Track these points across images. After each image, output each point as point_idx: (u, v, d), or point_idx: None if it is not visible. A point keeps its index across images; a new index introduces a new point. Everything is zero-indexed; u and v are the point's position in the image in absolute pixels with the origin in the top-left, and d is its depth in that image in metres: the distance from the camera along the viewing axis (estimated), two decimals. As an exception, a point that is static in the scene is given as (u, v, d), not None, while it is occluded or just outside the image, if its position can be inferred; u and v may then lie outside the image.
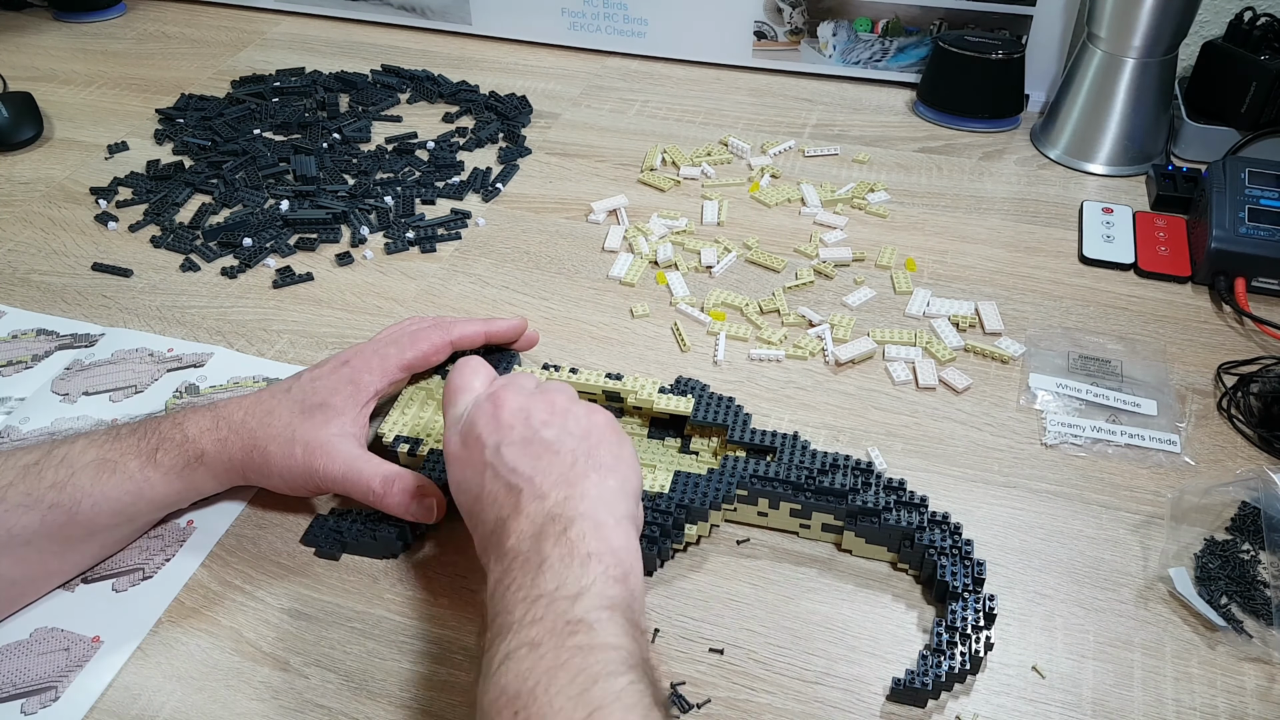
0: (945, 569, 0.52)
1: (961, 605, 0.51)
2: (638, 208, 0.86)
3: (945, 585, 0.52)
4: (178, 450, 0.54)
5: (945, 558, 0.53)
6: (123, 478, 0.53)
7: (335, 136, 0.96)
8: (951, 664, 0.49)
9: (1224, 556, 0.55)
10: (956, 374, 0.68)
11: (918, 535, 0.54)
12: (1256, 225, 0.74)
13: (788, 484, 0.56)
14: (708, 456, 0.61)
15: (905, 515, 0.54)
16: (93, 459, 0.53)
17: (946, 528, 0.54)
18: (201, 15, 1.22)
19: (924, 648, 0.51)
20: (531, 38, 1.13)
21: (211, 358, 0.70)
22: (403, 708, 0.49)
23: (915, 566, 0.55)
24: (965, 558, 0.53)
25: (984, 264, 0.79)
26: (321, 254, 0.81)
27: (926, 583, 0.54)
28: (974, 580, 0.52)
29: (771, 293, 0.75)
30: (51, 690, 0.50)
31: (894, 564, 0.56)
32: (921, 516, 0.54)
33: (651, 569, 0.55)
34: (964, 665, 0.49)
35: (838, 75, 1.05)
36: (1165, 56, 0.86)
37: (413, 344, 0.61)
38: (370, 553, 0.56)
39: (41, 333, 0.72)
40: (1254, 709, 0.49)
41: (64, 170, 0.92)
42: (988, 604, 0.51)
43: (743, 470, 0.56)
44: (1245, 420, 0.64)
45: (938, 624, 0.51)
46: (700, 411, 0.60)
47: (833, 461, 0.57)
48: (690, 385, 0.62)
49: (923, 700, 0.49)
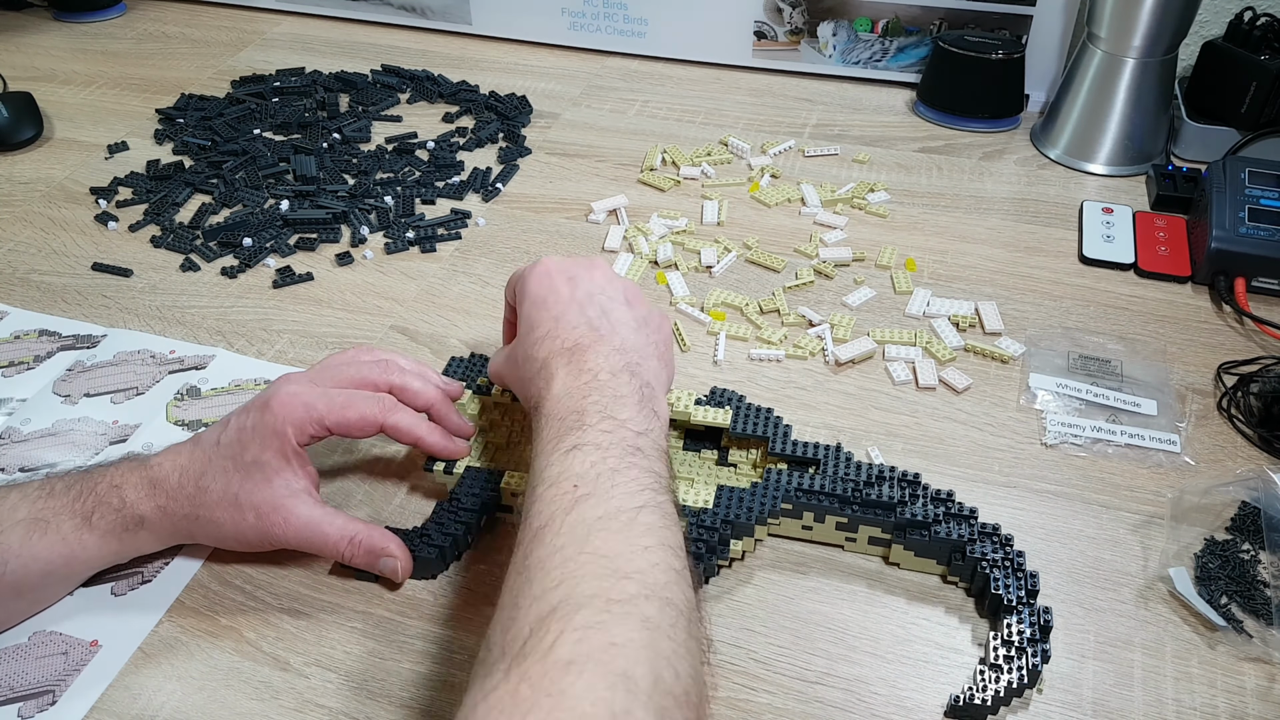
0: (998, 581, 0.51)
1: (1016, 618, 0.50)
2: (638, 208, 0.86)
3: (999, 599, 0.51)
4: (115, 515, 0.51)
5: (998, 570, 0.52)
6: (55, 539, 0.50)
7: (335, 136, 0.96)
8: (1010, 679, 0.48)
9: (1224, 556, 0.55)
10: (956, 374, 0.68)
11: (969, 548, 0.53)
12: (1256, 225, 0.74)
13: (834, 497, 0.54)
14: (747, 469, 0.59)
15: (955, 527, 0.53)
16: (23, 517, 0.50)
17: (998, 539, 0.53)
18: (201, 15, 1.22)
19: (979, 662, 0.50)
20: (531, 38, 1.13)
21: (213, 360, 0.70)
22: (403, 708, 0.49)
23: (966, 580, 0.54)
24: (1018, 570, 0.52)
25: (984, 264, 0.79)
26: (321, 254, 0.81)
27: (978, 596, 0.53)
28: (1028, 592, 0.51)
29: (771, 293, 0.75)
30: (49, 694, 0.49)
31: (944, 576, 0.55)
32: (972, 528, 0.53)
33: (698, 586, 0.54)
34: (1021, 680, 0.48)
35: (838, 75, 1.05)
36: (1165, 56, 0.87)
37: (344, 409, 0.54)
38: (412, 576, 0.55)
39: (44, 333, 0.72)
40: (1254, 709, 0.49)
41: (64, 170, 0.92)
42: (1043, 616, 0.50)
43: (787, 484, 0.55)
44: (1245, 420, 0.64)
45: (993, 637, 0.50)
46: (739, 424, 0.59)
47: (879, 473, 0.55)
48: (727, 396, 0.60)
49: (982, 716, 0.48)
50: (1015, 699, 0.49)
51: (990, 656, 0.49)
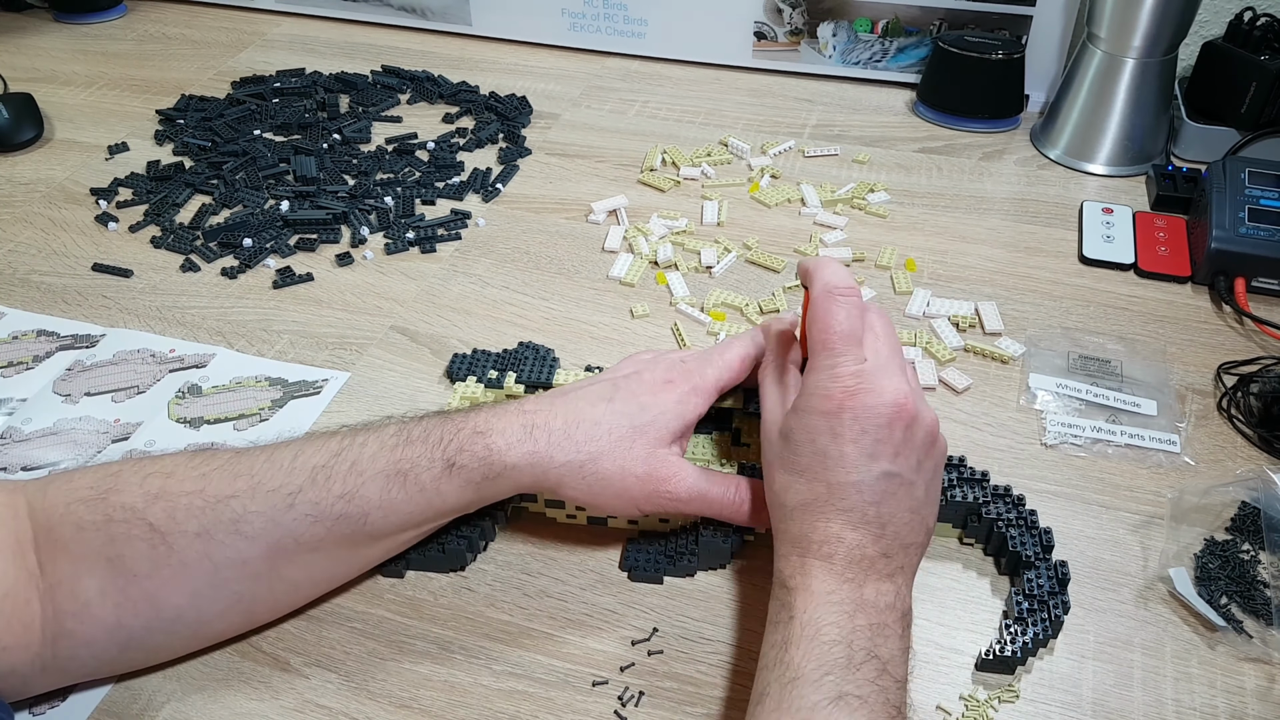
0: (1015, 540, 0.53)
1: (1035, 574, 0.52)
2: (638, 208, 0.86)
3: (1018, 556, 0.53)
4: (479, 464, 0.50)
5: (1013, 529, 0.54)
6: (414, 490, 0.49)
7: (335, 137, 0.96)
8: (1036, 630, 0.50)
9: (1224, 556, 0.55)
10: (956, 374, 0.68)
11: (984, 509, 0.55)
12: (1256, 225, 0.74)
13: None
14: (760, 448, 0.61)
15: (969, 490, 0.55)
16: (383, 467, 0.49)
17: (1010, 500, 0.55)
18: (202, 16, 1.22)
19: (1003, 616, 0.52)
20: (531, 38, 1.13)
21: (214, 358, 0.70)
22: (403, 708, 0.49)
23: (983, 540, 0.56)
24: (1032, 527, 0.54)
25: (984, 264, 0.79)
26: (321, 254, 0.81)
27: (995, 555, 0.56)
28: (1043, 548, 0.53)
29: (771, 293, 0.75)
30: (58, 693, 0.49)
31: (960, 539, 0.57)
32: (984, 491, 0.55)
33: (725, 562, 0.56)
34: (1045, 630, 0.50)
35: (838, 76, 1.05)
36: (1165, 56, 0.87)
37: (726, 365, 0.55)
38: (436, 567, 0.55)
39: (42, 333, 0.72)
40: (1254, 709, 0.49)
41: (64, 171, 0.92)
42: (1060, 570, 0.52)
43: None
44: (1245, 420, 0.64)
45: (1015, 593, 0.52)
46: (752, 404, 0.59)
47: None
48: None
49: (1011, 667, 0.50)
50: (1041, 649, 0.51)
51: (1014, 611, 0.51)
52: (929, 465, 0.48)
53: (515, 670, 0.51)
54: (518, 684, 0.50)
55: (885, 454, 0.45)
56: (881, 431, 0.45)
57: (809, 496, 0.46)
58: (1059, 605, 0.51)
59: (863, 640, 0.42)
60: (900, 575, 0.45)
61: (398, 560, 0.55)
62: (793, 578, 0.45)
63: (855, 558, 0.44)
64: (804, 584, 0.44)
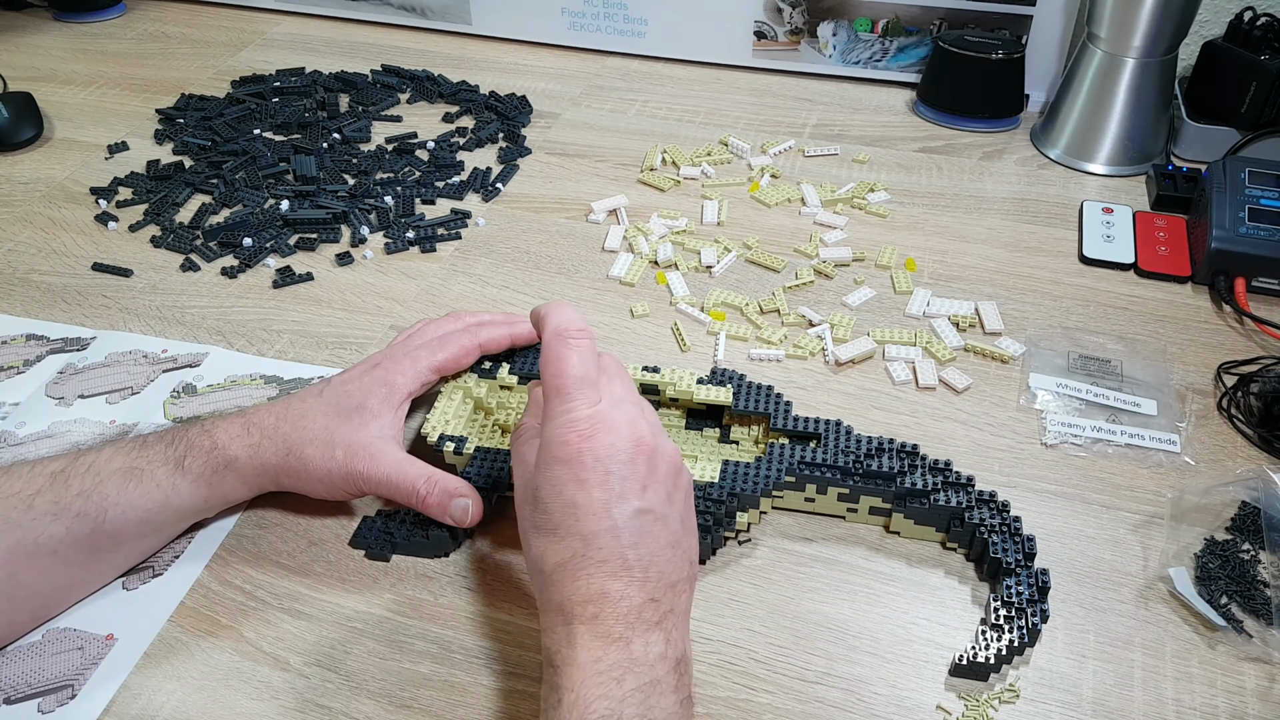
0: (996, 545, 0.53)
1: (1015, 580, 0.52)
2: (638, 208, 0.86)
3: (998, 562, 0.53)
4: (206, 457, 0.54)
5: (996, 535, 0.54)
6: (150, 485, 0.52)
7: (335, 136, 0.96)
8: (1011, 638, 0.50)
9: (1224, 556, 0.55)
10: (956, 374, 0.68)
11: (967, 514, 0.55)
12: (1256, 225, 0.74)
13: (836, 469, 0.56)
14: (749, 445, 0.61)
15: (953, 495, 0.55)
16: (119, 466, 0.52)
17: (994, 505, 0.55)
18: (201, 15, 1.22)
19: (980, 622, 0.52)
20: (531, 38, 1.13)
21: (207, 357, 0.70)
22: (403, 708, 0.49)
23: (965, 545, 0.56)
24: (1015, 534, 0.54)
25: (984, 264, 0.79)
26: (321, 254, 0.81)
27: (977, 561, 0.55)
28: (1025, 555, 0.53)
29: (771, 293, 0.75)
30: (68, 688, 0.50)
31: (943, 544, 0.57)
32: (969, 495, 0.55)
33: (705, 558, 0.56)
34: (1021, 638, 0.50)
35: (838, 75, 1.05)
36: (1165, 56, 0.86)
37: (443, 346, 0.60)
38: (422, 553, 0.56)
39: (31, 337, 0.72)
40: (1254, 709, 0.49)
41: (64, 170, 0.92)
42: (1040, 578, 0.52)
43: (790, 457, 0.57)
44: (1245, 420, 0.64)
45: (993, 599, 0.52)
46: (741, 401, 0.60)
47: (878, 445, 0.57)
48: (727, 375, 0.62)
49: (985, 674, 0.49)
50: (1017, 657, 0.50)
51: (991, 617, 0.51)
52: (679, 497, 0.47)
53: (515, 670, 0.51)
54: (518, 684, 0.50)
55: (633, 491, 0.44)
56: (626, 469, 0.44)
57: (565, 555, 0.44)
58: (1038, 614, 0.50)
59: (633, 708, 0.40)
60: (670, 619, 0.43)
61: (384, 545, 0.56)
62: (559, 653, 0.43)
63: (621, 611, 0.42)
64: (570, 656, 0.42)
